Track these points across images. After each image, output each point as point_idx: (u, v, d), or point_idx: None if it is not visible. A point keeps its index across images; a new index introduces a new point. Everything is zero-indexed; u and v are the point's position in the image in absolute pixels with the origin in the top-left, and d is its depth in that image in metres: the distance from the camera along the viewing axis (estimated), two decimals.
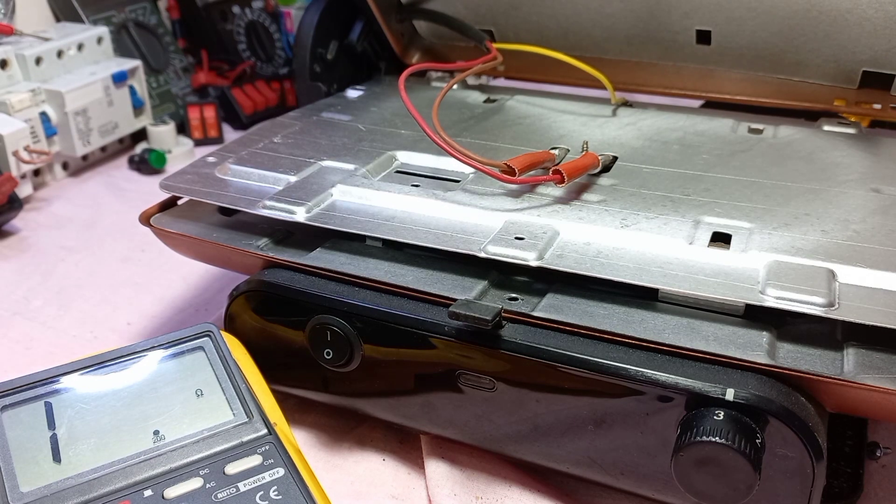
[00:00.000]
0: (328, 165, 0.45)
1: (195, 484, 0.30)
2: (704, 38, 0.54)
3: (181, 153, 0.76)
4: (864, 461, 0.36)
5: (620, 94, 0.56)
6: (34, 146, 0.65)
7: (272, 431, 0.33)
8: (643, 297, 0.35)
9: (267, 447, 0.32)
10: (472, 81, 0.61)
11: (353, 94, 0.59)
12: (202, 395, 0.34)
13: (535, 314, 0.34)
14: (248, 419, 0.33)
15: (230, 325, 0.40)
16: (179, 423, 0.33)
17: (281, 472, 0.31)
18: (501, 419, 0.34)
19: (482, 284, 0.36)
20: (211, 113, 0.80)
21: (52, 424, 0.32)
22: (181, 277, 0.56)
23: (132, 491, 0.30)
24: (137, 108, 0.76)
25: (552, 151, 0.44)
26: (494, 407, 0.34)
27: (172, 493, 0.30)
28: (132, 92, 0.75)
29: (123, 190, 0.71)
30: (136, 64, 0.75)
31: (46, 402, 0.32)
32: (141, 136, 0.78)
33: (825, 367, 0.31)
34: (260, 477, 0.31)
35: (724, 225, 0.37)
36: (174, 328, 0.47)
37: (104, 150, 0.76)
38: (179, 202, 0.45)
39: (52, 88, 0.67)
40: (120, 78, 0.72)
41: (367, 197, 0.41)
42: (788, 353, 0.31)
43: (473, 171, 0.42)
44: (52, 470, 0.30)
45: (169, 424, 0.32)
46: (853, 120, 0.52)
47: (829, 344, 0.32)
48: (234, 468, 0.31)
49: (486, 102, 0.56)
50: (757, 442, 0.28)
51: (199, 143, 0.79)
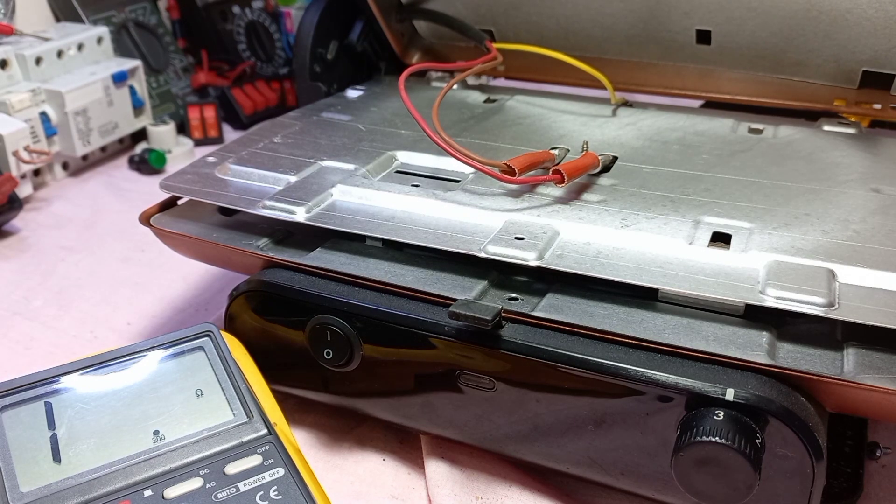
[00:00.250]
0: (328, 165, 0.45)
1: (195, 484, 0.30)
2: (704, 37, 0.54)
3: (181, 153, 0.76)
4: (864, 461, 0.36)
5: (620, 94, 0.56)
6: (34, 146, 0.65)
7: (272, 431, 0.33)
8: (643, 297, 0.35)
9: (267, 447, 0.32)
10: (472, 81, 0.61)
11: (353, 94, 0.59)
12: (202, 395, 0.34)
13: (535, 314, 0.34)
14: (248, 419, 0.33)
15: (230, 325, 0.40)
16: (179, 423, 0.33)
17: (281, 472, 0.31)
18: (501, 419, 0.34)
19: (482, 284, 0.36)
20: (211, 113, 0.80)
21: (52, 424, 0.32)
22: (181, 277, 0.56)
23: (132, 491, 0.30)
24: (137, 108, 0.76)
25: (552, 151, 0.44)
26: (494, 407, 0.34)
27: (172, 493, 0.30)
28: (132, 92, 0.75)
29: (123, 190, 0.71)
30: (136, 64, 0.75)
31: (46, 402, 0.32)
32: (141, 136, 0.78)
33: (825, 367, 0.31)
34: (260, 477, 0.31)
35: (724, 225, 0.37)
36: (174, 328, 0.47)
37: (104, 150, 0.76)
38: (179, 202, 0.45)
39: (52, 88, 0.67)
40: (120, 78, 0.72)
41: (367, 197, 0.41)
42: (788, 353, 0.31)
43: (473, 171, 0.42)
44: (52, 470, 0.30)
45: (169, 424, 0.32)
46: (853, 120, 0.52)
47: (829, 344, 0.32)
48: (234, 468, 0.31)
49: (486, 102, 0.56)
50: (757, 442, 0.28)
51: (199, 143, 0.79)
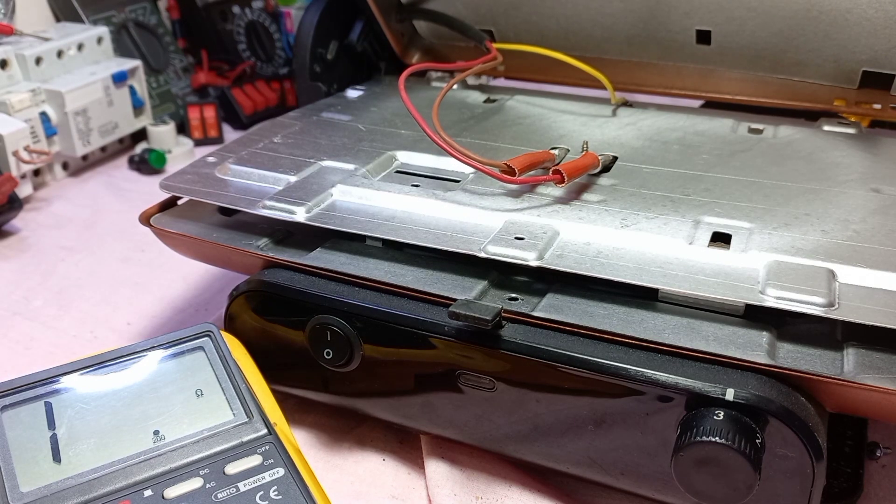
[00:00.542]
0: (328, 165, 0.45)
1: (195, 484, 0.30)
2: (704, 38, 0.54)
3: (181, 153, 0.76)
4: (864, 461, 0.36)
5: (620, 94, 0.56)
6: (34, 146, 0.65)
7: (272, 431, 0.33)
8: (643, 297, 0.35)
9: (267, 447, 0.32)
10: (472, 81, 0.61)
11: (353, 94, 0.59)
12: (202, 395, 0.34)
13: (535, 314, 0.34)
14: (248, 419, 0.33)
15: (230, 325, 0.40)
16: (179, 423, 0.33)
17: (281, 472, 0.31)
18: (501, 419, 0.34)
19: (482, 284, 0.36)
20: (211, 113, 0.79)
21: (52, 424, 0.32)
22: (181, 277, 0.56)
23: (132, 491, 0.30)
24: (137, 108, 0.76)
25: (552, 151, 0.44)
26: (494, 407, 0.34)
27: (172, 493, 0.30)
28: (132, 92, 0.75)
29: (123, 190, 0.71)
30: (136, 64, 0.75)
31: (46, 402, 0.32)
32: (141, 136, 0.78)
33: (825, 367, 0.31)
34: (260, 477, 0.31)
35: (724, 225, 0.37)
36: (174, 328, 0.47)
37: (104, 150, 0.76)
38: (179, 202, 0.45)
39: (52, 88, 0.67)
40: (120, 78, 0.72)
41: (367, 197, 0.41)
42: (788, 353, 0.31)
43: (473, 171, 0.42)
44: (52, 470, 0.30)
45: (169, 424, 0.32)
46: (853, 120, 0.52)
47: (829, 344, 0.32)
48: (234, 468, 0.31)
49: (486, 102, 0.56)
50: (757, 442, 0.28)
51: (199, 143, 0.79)
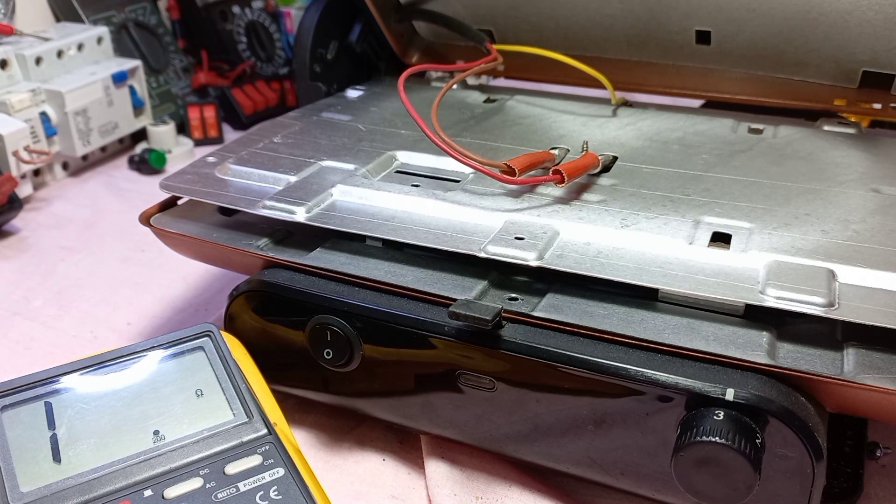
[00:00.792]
0: (328, 165, 0.45)
1: (195, 484, 0.30)
2: (704, 38, 0.54)
3: (181, 153, 0.76)
4: (864, 461, 0.36)
5: (620, 93, 0.56)
6: (34, 146, 0.65)
7: (272, 431, 0.33)
8: (643, 297, 0.35)
9: (267, 447, 0.32)
10: (472, 81, 0.61)
11: (353, 94, 0.59)
12: (202, 395, 0.34)
13: (535, 314, 0.34)
14: (248, 419, 0.33)
15: (230, 325, 0.40)
16: (179, 423, 0.33)
17: (281, 472, 0.31)
18: (501, 419, 0.34)
19: (482, 284, 0.36)
20: (211, 113, 0.79)
21: (52, 424, 0.32)
22: (181, 277, 0.56)
23: (132, 491, 0.30)
24: (137, 108, 0.76)
25: (552, 151, 0.44)
26: (494, 407, 0.34)
27: (172, 493, 0.30)
28: (132, 92, 0.75)
29: (123, 190, 0.71)
30: (136, 64, 0.75)
31: (46, 402, 0.32)
32: (141, 136, 0.78)
33: (825, 367, 0.31)
34: (260, 477, 0.31)
35: (724, 225, 0.37)
36: (174, 328, 0.47)
37: (104, 150, 0.76)
38: (179, 202, 0.45)
39: (52, 88, 0.67)
40: (120, 78, 0.72)
41: (367, 197, 0.41)
42: (788, 353, 0.31)
43: (473, 171, 0.42)
44: (52, 470, 0.30)
45: (169, 424, 0.32)
46: (853, 120, 0.52)
47: (829, 344, 0.32)
48: (234, 468, 0.31)
49: (486, 102, 0.56)
50: (757, 442, 0.28)
51: (199, 143, 0.79)
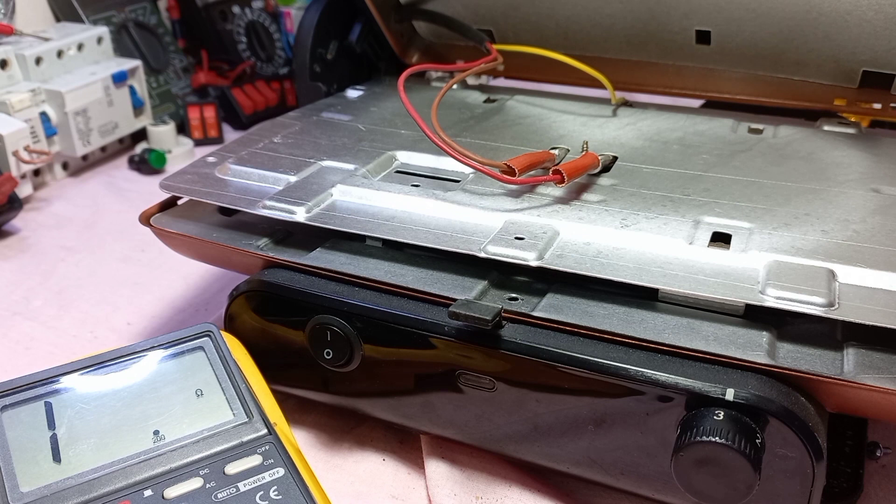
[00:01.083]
0: (328, 165, 0.45)
1: (195, 484, 0.30)
2: (704, 38, 0.54)
3: (181, 153, 0.76)
4: (864, 461, 0.36)
5: (620, 93, 0.56)
6: (34, 146, 0.65)
7: (272, 431, 0.33)
8: (643, 297, 0.35)
9: (267, 447, 0.32)
10: (472, 81, 0.61)
11: (353, 94, 0.59)
12: (202, 395, 0.34)
13: (535, 314, 0.34)
14: (248, 419, 0.33)
15: (230, 325, 0.40)
16: (179, 423, 0.33)
17: (281, 472, 0.31)
18: (501, 419, 0.34)
19: (482, 284, 0.36)
20: (211, 113, 0.80)
21: (52, 424, 0.32)
22: (181, 277, 0.56)
23: (132, 491, 0.30)
24: (137, 108, 0.76)
25: (552, 151, 0.44)
26: (494, 407, 0.34)
27: (172, 493, 0.30)
28: (132, 92, 0.75)
29: (123, 190, 0.71)
30: (136, 64, 0.75)
31: (46, 402, 0.32)
32: (141, 136, 0.78)
33: (825, 367, 0.31)
34: (260, 477, 0.31)
35: (724, 225, 0.37)
36: (174, 328, 0.47)
37: (104, 150, 0.76)
38: (179, 202, 0.45)
39: (52, 88, 0.67)
40: (120, 78, 0.72)
41: (367, 197, 0.41)
42: (788, 353, 0.31)
43: (473, 170, 0.42)
44: (52, 470, 0.30)
45: (169, 424, 0.32)
46: (853, 120, 0.52)
47: (829, 344, 0.32)
48: (234, 468, 0.31)
49: (486, 102, 0.56)
50: (757, 442, 0.28)
51: (199, 143, 0.79)
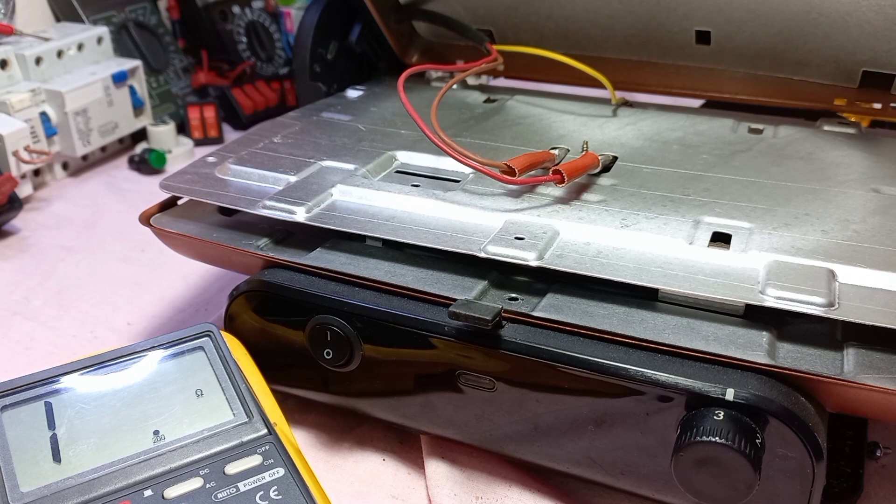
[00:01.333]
0: (328, 165, 0.45)
1: (195, 484, 0.30)
2: (704, 38, 0.54)
3: (181, 153, 0.76)
4: (864, 461, 0.36)
5: (620, 93, 0.56)
6: (34, 146, 0.65)
7: (272, 431, 0.33)
8: (643, 297, 0.35)
9: (267, 447, 0.32)
10: (472, 81, 0.61)
11: (353, 94, 0.59)
12: (202, 395, 0.34)
13: (535, 314, 0.34)
14: (248, 419, 0.33)
15: (230, 325, 0.40)
16: (179, 423, 0.33)
17: (281, 472, 0.31)
18: (501, 419, 0.34)
19: (482, 284, 0.36)
20: (211, 113, 0.80)
21: (52, 424, 0.32)
22: (181, 277, 0.56)
23: (132, 491, 0.30)
24: (137, 108, 0.76)
25: (552, 151, 0.44)
26: (494, 407, 0.34)
27: (172, 493, 0.30)
28: (132, 92, 0.75)
29: (123, 190, 0.71)
30: (136, 64, 0.75)
31: (46, 402, 0.32)
32: (141, 136, 0.78)
33: (825, 367, 0.31)
34: (260, 477, 0.31)
35: (724, 225, 0.37)
36: (174, 328, 0.47)
37: (104, 150, 0.76)
38: (179, 202, 0.45)
39: (52, 88, 0.67)
40: (120, 78, 0.72)
41: (367, 197, 0.41)
42: (788, 353, 0.31)
43: (473, 171, 0.42)
44: (52, 470, 0.30)
45: (169, 424, 0.32)
46: (853, 120, 0.52)
47: (829, 344, 0.32)
48: (234, 468, 0.31)
49: (486, 102, 0.56)
50: (757, 442, 0.28)
51: (199, 143, 0.79)
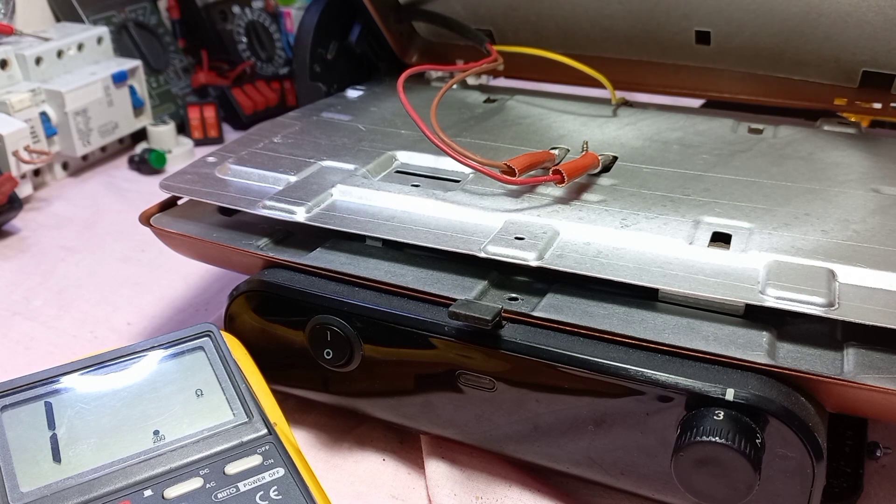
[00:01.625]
0: (328, 165, 0.45)
1: (195, 484, 0.30)
2: (704, 38, 0.54)
3: (181, 153, 0.76)
4: (864, 461, 0.36)
5: (620, 93, 0.56)
6: (34, 146, 0.65)
7: (272, 431, 0.33)
8: (643, 297, 0.35)
9: (267, 447, 0.32)
10: (472, 81, 0.61)
11: (353, 94, 0.59)
12: (202, 395, 0.34)
13: (535, 314, 0.34)
14: (248, 419, 0.33)
15: (230, 325, 0.40)
16: (179, 423, 0.33)
17: (281, 472, 0.31)
18: (501, 419, 0.34)
19: (482, 284, 0.36)
20: (211, 113, 0.80)
21: (52, 424, 0.32)
22: (181, 277, 0.56)
23: (132, 491, 0.30)
24: (137, 108, 0.76)
25: (552, 151, 0.44)
26: (494, 407, 0.34)
27: (172, 493, 0.30)
28: (132, 92, 0.75)
29: (123, 190, 0.71)
30: (136, 64, 0.75)
31: (46, 402, 0.32)
32: (141, 136, 0.78)
33: (825, 367, 0.31)
34: (260, 477, 0.31)
35: (724, 225, 0.37)
36: (174, 328, 0.47)
37: (104, 150, 0.76)
38: (179, 202, 0.45)
39: (52, 88, 0.67)
40: (120, 78, 0.72)
41: (367, 197, 0.41)
42: (788, 353, 0.31)
43: (473, 171, 0.42)
44: (52, 470, 0.30)
45: (169, 424, 0.32)
46: (853, 120, 0.52)
47: (829, 344, 0.32)
48: (234, 468, 0.31)
49: (486, 102, 0.56)
50: (757, 442, 0.28)
51: (199, 143, 0.79)
